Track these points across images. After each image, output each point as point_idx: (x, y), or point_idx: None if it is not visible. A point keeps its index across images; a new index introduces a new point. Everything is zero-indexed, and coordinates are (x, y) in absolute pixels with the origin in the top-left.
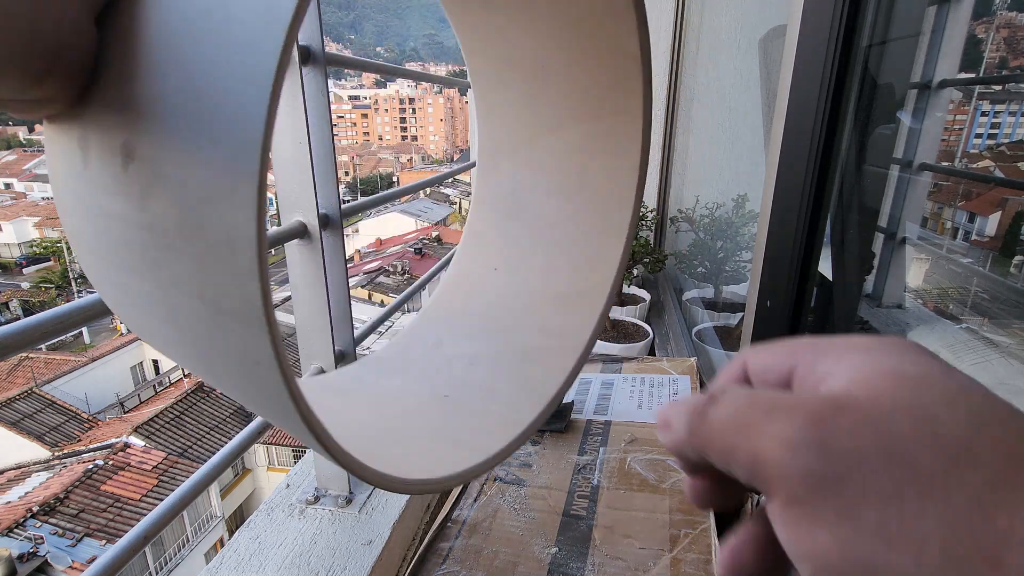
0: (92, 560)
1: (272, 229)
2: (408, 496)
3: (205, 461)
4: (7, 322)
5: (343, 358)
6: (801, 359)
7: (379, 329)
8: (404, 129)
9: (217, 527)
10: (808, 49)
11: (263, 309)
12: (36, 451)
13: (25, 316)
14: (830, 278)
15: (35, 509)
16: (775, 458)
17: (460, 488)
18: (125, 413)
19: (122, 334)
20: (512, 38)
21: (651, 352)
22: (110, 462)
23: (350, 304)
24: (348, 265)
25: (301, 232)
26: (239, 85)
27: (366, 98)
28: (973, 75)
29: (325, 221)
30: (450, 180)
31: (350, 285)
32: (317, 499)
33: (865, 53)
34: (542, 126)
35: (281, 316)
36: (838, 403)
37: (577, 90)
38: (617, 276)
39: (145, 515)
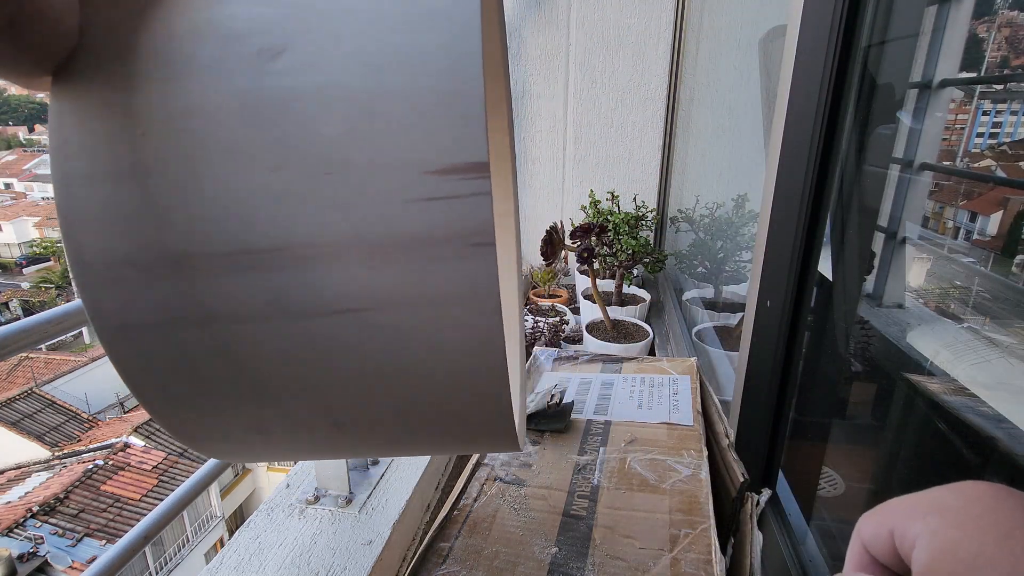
0: (92, 560)
1: None
2: (408, 496)
3: (205, 461)
4: (7, 322)
5: None
6: (897, 523)
7: None
8: None
9: (217, 527)
10: (808, 49)
11: None
12: (36, 451)
13: (25, 316)
14: (830, 278)
15: (35, 509)
16: None
17: (460, 488)
18: (125, 413)
19: None
20: None
21: (651, 352)
22: (110, 462)
23: None
24: None
25: None
26: None
27: None
28: (974, 75)
29: None
30: None
31: None
32: (317, 499)
33: (865, 53)
34: None
35: None
36: None
37: None
38: None
39: (145, 515)
